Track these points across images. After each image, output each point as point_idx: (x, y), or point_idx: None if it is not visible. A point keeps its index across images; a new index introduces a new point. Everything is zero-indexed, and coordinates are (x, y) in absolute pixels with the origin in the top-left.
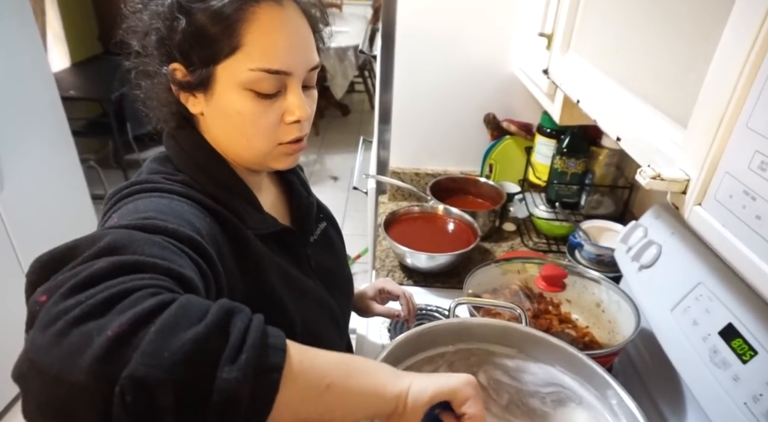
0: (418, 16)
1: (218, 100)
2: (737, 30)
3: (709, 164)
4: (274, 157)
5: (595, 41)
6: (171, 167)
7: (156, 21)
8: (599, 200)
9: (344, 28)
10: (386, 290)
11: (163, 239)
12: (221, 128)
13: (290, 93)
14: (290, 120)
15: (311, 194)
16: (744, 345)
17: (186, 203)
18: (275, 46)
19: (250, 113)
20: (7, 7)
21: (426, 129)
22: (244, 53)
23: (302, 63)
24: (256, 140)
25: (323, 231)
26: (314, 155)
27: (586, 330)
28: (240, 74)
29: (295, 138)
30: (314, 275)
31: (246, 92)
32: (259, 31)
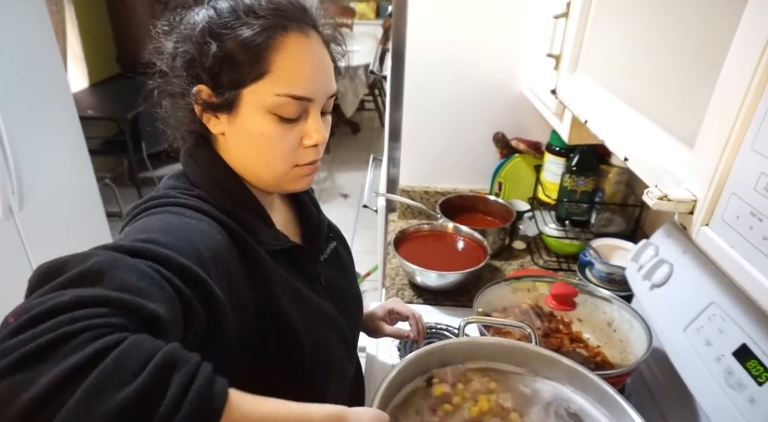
0: (427, 36)
1: (242, 122)
2: (741, 53)
3: (715, 184)
4: (291, 179)
5: (603, 62)
6: (187, 183)
7: (185, 44)
8: (609, 218)
9: (355, 48)
10: (395, 311)
11: (150, 266)
12: (242, 149)
13: (310, 118)
14: (308, 144)
15: (321, 214)
16: (759, 366)
17: (198, 218)
18: (301, 74)
19: (272, 135)
20: (31, 30)
21: (435, 147)
22: (270, 79)
23: (323, 91)
24: (275, 161)
25: (333, 250)
26: (324, 172)
27: (598, 350)
28: (266, 98)
29: (311, 161)
30: (325, 293)
31: (270, 116)
32: (286, 59)
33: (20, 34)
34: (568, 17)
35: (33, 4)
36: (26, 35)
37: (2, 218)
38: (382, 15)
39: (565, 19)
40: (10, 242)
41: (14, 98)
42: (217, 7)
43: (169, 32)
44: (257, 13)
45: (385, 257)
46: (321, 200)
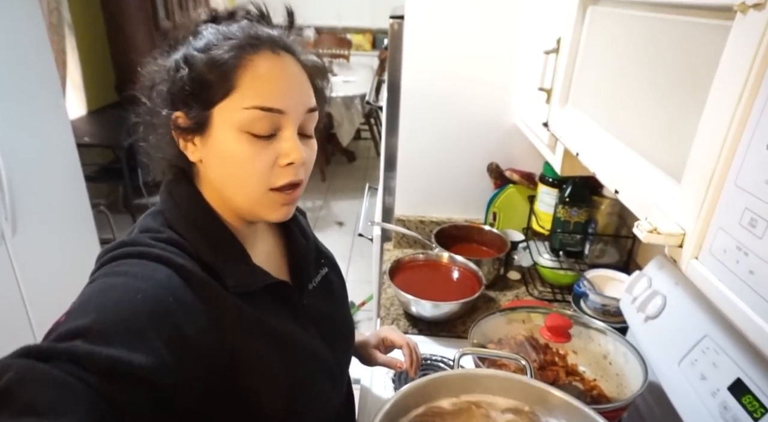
0: (422, 68)
1: (214, 143)
2: (722, 92)
3: (703, 219)
4: (266, 205)
5: (592, 96)
6: (162, 221)
7: (163, 73)
8: (603, 249)
9: (351, 78)
10: (389, 340)
11: (68, 371)
12: (216, 173)
13: (285, 135)
14: (284, 162)
15: (310, 240)
16: (754, 401)
17: (152, 278)
18: (269, 86)
19: (244, 154)
20: (32, 58)
21: (431, 177)
22: (238, 94)
23: (297, 103)
24: (248, 183)
25: (324, 277)
26: (320, 200)
27: (594, 383)
28: (235, 115)
29: (288, 183)
30: (311, 325)
31: (242, 134)
32: (254, 73)
33: (21, 62)
34: (558, 53)
35: (35, 33)
36: (27, 63)
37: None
38: (378, 46)
39: (556, 54)
40: (1, 269)
41: (12, 123)
42: (193, 41)
43: (152, 64)
44: (230, 38)
45: (381, 287)
46: (316, 228)
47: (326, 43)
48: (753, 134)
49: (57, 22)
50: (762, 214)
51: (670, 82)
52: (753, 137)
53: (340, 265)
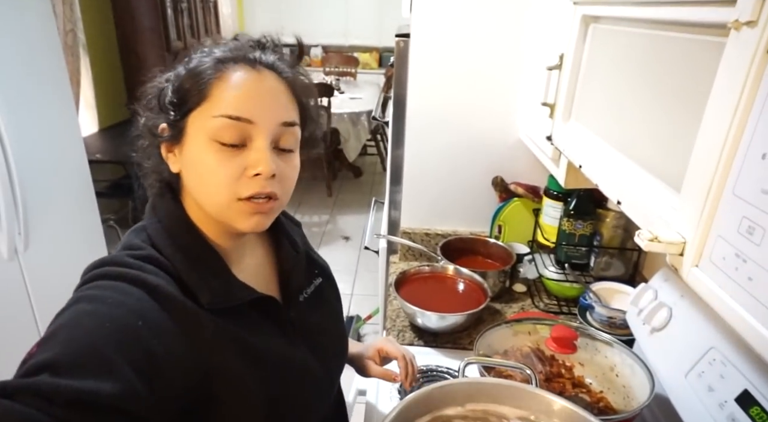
0: (428, 84)
1: (188, 151)
2: (718, 105)
3: (702, 227)
4: (234, 214)
5: (595, 110)
6: (144, 237)
7: (155, 89)
8: (608, 261)
9: (358, 95)
10: (385, 351)
11: (35, 406)
12: (190, 181)
13: (254, 145)
14: (251, 173)
15: (300, 252)
16: (763, 413)
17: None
18: (239, 95)
19: (211, 163)
20: (47, 77)
21: (436, 191)
22: (210, 102)
23: (269, 114)
24: (214, 191)
25: (317, 288)
26: (327, 215)
27: (601, 395)
28: (206, 123)
29: (255, 194)
30: (299, 338)
31: (211, 143)
32: (226, 85)
33: (37, 80)
34: (561, 69)
35: (51, 53)
36: (42, 82)
37: (7, 259)
38: (384, 64)
39: (559, 70)
40: (13, 284)
41: (27, 140)
42: (188, 59)
43: (150, 82)
44: (215, 54)
45: (386, 299)
46: (323, 243)
47: (333, 61)
48: (749, 145)
49: (72, 43)
50: (759, 222)
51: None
52: (749, 148)
53: (346, 279)
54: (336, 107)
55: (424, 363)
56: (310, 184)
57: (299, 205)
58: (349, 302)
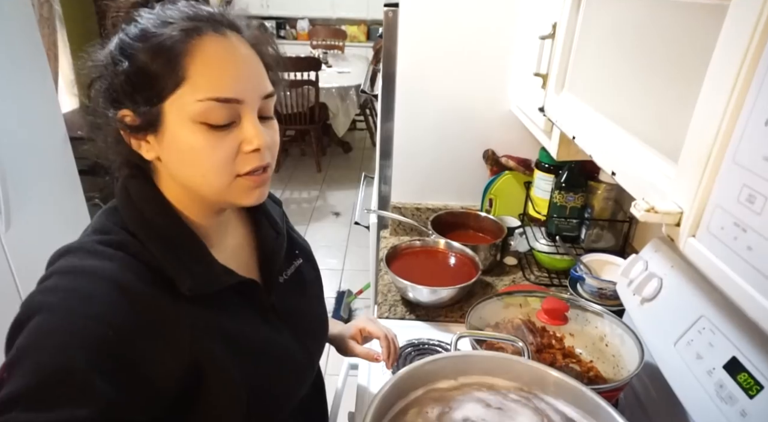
0: (417, 56)
1: (170, 139)
2: (720, 70)
3: (700, 197)
4: (236, 192)
5: (588, 81)
6: (116, 219)
7: (100, 69)
8: (599, 233)
9: (346, 69)
10: (367, 331)
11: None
12: (178, 169)
13: (245, 122)
14: (248, 149)
15: (281, 233)
16: (750, 379)
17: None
18: (223, 74)
19: (203, 146)
20: (22, 52)
21: (427, 165)
22: (190, 85)
23: (253, 90)
24: (212, 175)
25: (297, 269)
26: (316, 191)
27: (591, 365)
28: (188, 107)
29: (255, 168)
30: (279, 321)
31: (197, 126)
32: (204, 61)
33: (11, 55)
34: (554, 38)
35: (25, 26)
36: (17, 57)
37: None
38: (372, 37)
39: (552, 40)
40: None
41: (4, 117)
42: (127, 28)
43: (87, 60)
44: (167, 22)
45: (377, 274)
46: (313, 219)
47: (320, 34)
48: (751, 110)
49: (48, 14)
50: (760, 190)
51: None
52: (751, 114)
53: (336, 254)
54: (324, 81)
55: (415, 337)
56: (299, 160)
57: (289, 181)
58: (340, 278)
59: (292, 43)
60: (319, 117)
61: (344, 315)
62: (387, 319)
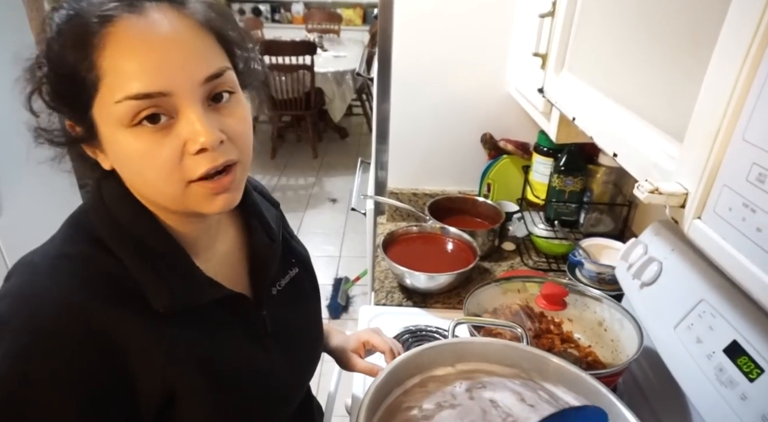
0: (413, 39)
1: (110, 149)
2: (729, 44)
3: (706, 177)
4: (194, 200)
5: (589, 60)
6: (86, 226)
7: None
8: (598, 218)
9: (342, 53)
10: (371, 344)
11: None
12: (129, 179)
13: (183, 116)
14: (193, 149)
15: (276, 239)
16: (750, 362)
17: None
18: (138, 65)
19: (140, 153)
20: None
21: (424, 150)
22: (105, 86)
23: (185, 77)
24: (158, 183)
25: (293, 279)
26: (313, 177)
27: (589, 350)
28: (110, 111)
29: (207, 171)
30: (269, 339)
31: (129, 130)
32: (116, 54)
33: None
34: (554, 16)
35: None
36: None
37: None
38: (368, 21)
39: (551, 18)
40: None
41: None
42: (50, 21)
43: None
44: (72, 13)
45: (374, 260)
46: (309, 206)
47: (316, 18)
48: (763, 85)
49: None
50: None
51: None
52: (763, 89)
53: (333, 241)
54: (319, 65)
55: (413, 324)
56: (295, 146)
57: (285, 167)
58: (337, 265)
59: (287, 27)
60: (315, 102)
61: (341, 302)
62: (384, 305)
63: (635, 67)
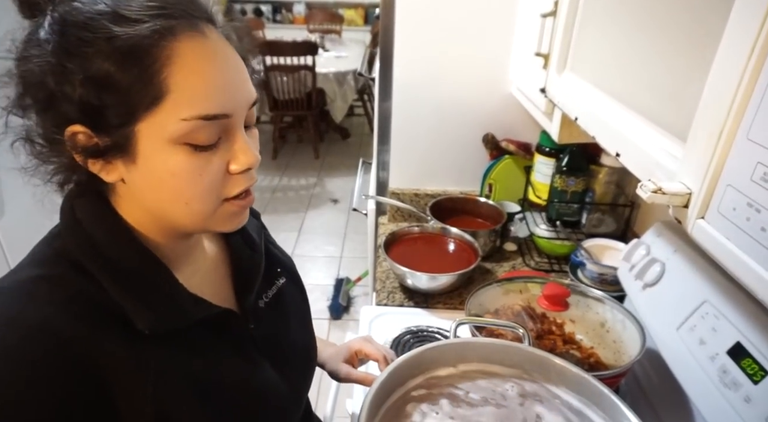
0: (415, 38)
1: (144, 163)
2: (733, 43)
3: (710, 177)
4: (220, 218)
5: (592, 59)
6: (59, 248)
7: (37, 76)
8: (600, 218)
9: (344, 53)
10: (363, 353)
11: None
12: (149, 197)
13: (234, 138)
14: (238, 170)
15: (258, 250)
16: (754, 364)
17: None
18: (209, 87)
19: (187, 172)
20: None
21: (425, 150)
22: (171, 102)
23: (241, 101)
24: (197, 202)
25: (280, 290)
26: (314, 177)
27: (591, 351)
28: (169, 127)
29: (243, 190)
30: (259, 354)
31: (179, 147)
32: (184, 71)
33: None
34: (556, 16)
35: None
36: None
37: None
38: (370, 21)
39: (553, 17)
40: None
41: None
42: (68, 17)
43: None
44: (128, 16)
45: (376, 261)
46: (311, 206)
47: (317, 18)
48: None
49: None
50: None
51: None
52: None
53: (335, 242)
54: (321, 65)
55: (414, 324)
56: (296, 146)
57: (286, 168)
58: (338, 265)
59: (289, 27)
60: (316, 103)
61: (343, 303)
62: (385, 306)
63: (638, 66)
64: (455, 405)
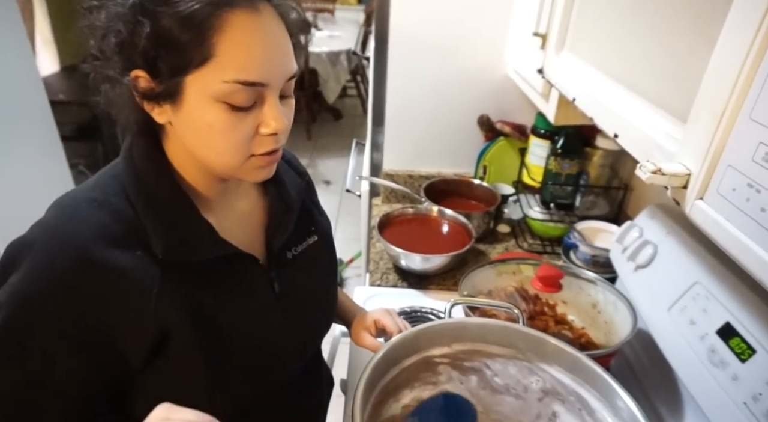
0: (410, 18)
1: (187, 112)
2: (739, 21)
3: (710, 157)
4: (247, 170)
5: (591, 39)
6: (115, 173)
7: (115, 23)
8: (594, 201)
9: (337, 33)
10: (381, 324)
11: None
12: (190, 140)
13: (267, 105)
14: (266, 132)
15: (293, 206)
16: (742, 343)
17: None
18: (251, 57)
19: (222, 126)
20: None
21: (420, 131)
22: (216, 64)
23: (280, 73)
24: (226, 155)
25: (309, 247)
26: (306, 159)
27: (583, 331)
28: (212, 86)
29: (269, 150)
30: (275, 301)
31: (219, 104)
32: (233, 40)
33: None
34: None
35: None
36: None
37: None
38: (364, 0)
39: None
40: None
41: None
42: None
43: (100, 9)
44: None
45: (369, 242)
46: None
47: None
48: None
49: None
50: None
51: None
52: None
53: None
54: (313, 45)
55: (408, 305)
56: None
57: None
58: None
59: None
60: (309, 83)
61: None
62: (379, 287)
63: (638, 46)
64: (481, 385)
